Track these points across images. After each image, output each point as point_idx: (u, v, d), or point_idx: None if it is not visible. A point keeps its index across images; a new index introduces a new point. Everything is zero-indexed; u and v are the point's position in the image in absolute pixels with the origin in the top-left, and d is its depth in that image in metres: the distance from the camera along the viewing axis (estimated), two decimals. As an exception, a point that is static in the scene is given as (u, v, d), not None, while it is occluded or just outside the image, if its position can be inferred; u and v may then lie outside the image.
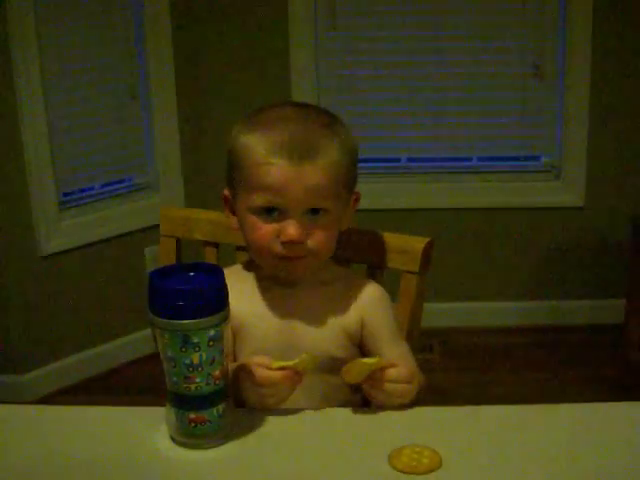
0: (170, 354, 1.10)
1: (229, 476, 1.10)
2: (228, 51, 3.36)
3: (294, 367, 1.20)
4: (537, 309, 3.53)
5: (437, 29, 3.32)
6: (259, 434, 1.17)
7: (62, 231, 3.04)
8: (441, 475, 1.07)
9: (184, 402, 1.13)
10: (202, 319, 1.08)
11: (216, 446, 1.14)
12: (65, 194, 3.09)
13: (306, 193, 1.27)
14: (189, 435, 1.14)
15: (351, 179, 1.36)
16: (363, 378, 1.22)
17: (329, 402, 1.33)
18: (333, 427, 1.20)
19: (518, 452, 1.12)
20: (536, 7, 3.27)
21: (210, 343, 1.10)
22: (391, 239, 1.50)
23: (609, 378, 3.02)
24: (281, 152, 1.26)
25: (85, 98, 3.07)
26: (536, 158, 3.50)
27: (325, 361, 1.31)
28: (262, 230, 1.29)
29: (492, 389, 3.04)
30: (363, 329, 1.38)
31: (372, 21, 3.33)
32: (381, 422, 1.21)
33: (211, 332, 1.09)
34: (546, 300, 3.53)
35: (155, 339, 1.12)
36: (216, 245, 1.63)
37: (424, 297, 1.51)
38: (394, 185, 3.48)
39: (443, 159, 3.50)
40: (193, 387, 1.11)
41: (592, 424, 1.19)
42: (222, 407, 1.14)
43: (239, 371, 1.22)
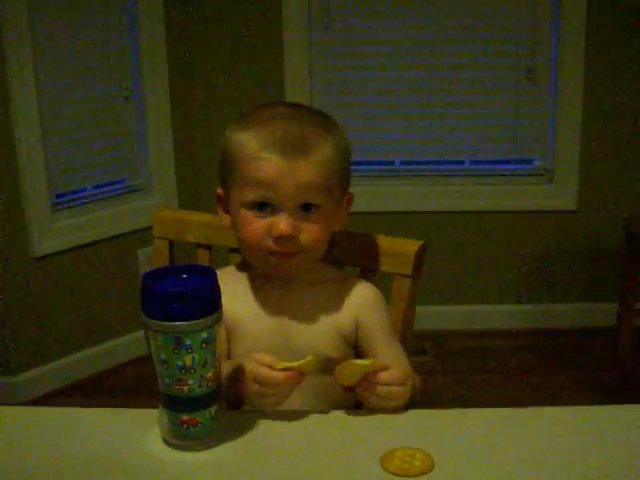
0: (163, 356, 1.10)
1: (221, 478, 1.10)
2: (222, 52, 3.36)
3: (298, 368, 1.19)
4: (529, 312, 3.54)
5: (431, 32, 3.33)
6: (251, 436, 1.17)
7: (55, 233, 3.04)
8: (433, 477, 1.07)
9: (176, 404, 1.13)
10: (195, 321, 1.08)
11: (208, 448, 1.14)
12: (58, 196, 3.08)
13: (298, 188, 1.27)
14: (181, 437, 1.14)
15: (344, 178, 1.36)
16: (356, 380, 1.22)
17: (323, 402, 1.34)
18: (325, 429, 1.20)
19: (510, 455, 1.12)
20: (529, 11, 3.28)
21: (203, 345, 1.10)
22: (384, 242, 1.50)
23: (601, 381, 3.03)
24: (274, 147, 1.27)
25: (78, 100, 3.07)
26: (529, 162, 3.50)
27: (319, 361, 1.31)
28: (254, 225, 1.29)
29: (484, 392, 3.04)
30: (358, 330, 1.38)
31: (366, 23, 3.34)
32: (373, 424, 1.21)
33: (204, 334, 1.09)
34: (538, 303, 3.54)
35: (148, 341, 1.11)
36: (209, 247, 1.63)
37: (416, 300, 1.51)
38: (387, 188, 3.48)
39: (436, 162, 3.51)
40: (185, 389, 1.11)
41: (584, 427, 1.19)
42: (214, 409, 1.14)
43: (240, 368, 1.21)
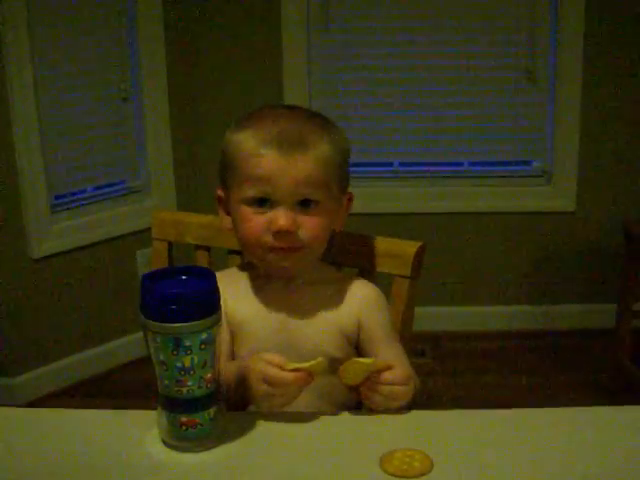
0: (162, 357, 1.10)
1: (220, 479, 1.10)
2: (220, 54, 3.36)
3: (308, 369, 1.19)
4: (528, 313, 3.54)
5: (429, 34, 3.33)
6: (251, 437, 1.17)
7: (54, 234, 3.04)
8: (432, 478, 1.07)
9: (176, 405, 1.13)
10: (194, 322, 1.08)
11: (207, 449, 1.14)
12: (57, 197, 3.08)
13: (296, 183, 1.28)
14: (180, 438, 1.14)
15: (343, 177, 1.37)
16: (360, 380, 1.22)
17: (327, 402, 1.34)
18: (324, 431, 1.20)
19: (509, 456, 1.12)
20: (528, 13, 3.28)
21: (202, 346, 1.10)
22: (383, 243, 1.50)
23: (600, 383, 3.03)
24: (271, 144, 1.28)
25: (77, 101, 3.07)
26: (528, 163, 3.51)
27: (329, 363, 1.31)
28: (253, 221, 1.30)
29: (483, 393, 3.04)
30: (359, 330, 1.38)
31: (365, 25, 3.34)
32: (373, 426, 1.22)
33: (203, 335, 1.09)
34: (537, 305, 3.54)
35: (147, 342, 1.11)
36: (208, 249, 1.63)
37: (415, 301, 1.51)
38: (386, 189, 3.48)
39: (435, 164, 3.51)
40: (185, 390, 1.11)
41: (583, 428, 1.19)
42: (214, 410, 1.14)
43: (248, 368, 1.21)
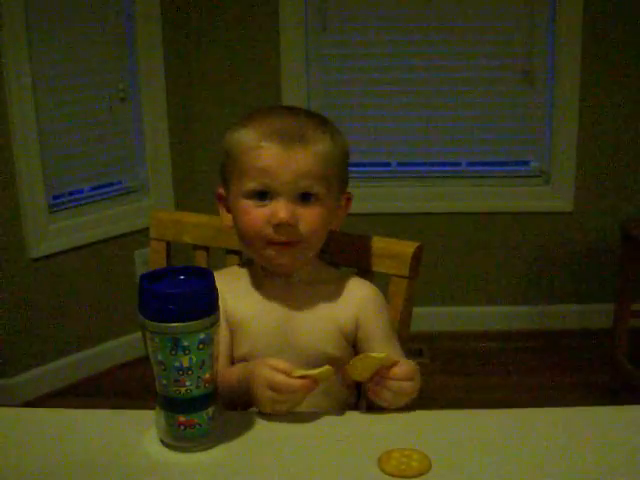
0: (160, 357, 1.10)
1: (219, 479, 1.10)
2: (219, 54, 3.36)
3: (314, 377, 1.19)
4: (526, 314, 3.54)
5: (427, 35, 3.33)
6: (249, 437, 1.17)
7: (52, 234, 3.04)
8: (430, 478, 1.07)
9: (174, 405, 1.13)
10: (192, 322, 1.08)
11: (206, 449, 1.14)
12: (55, 197, 3.08)
13: (297, 176, 1.29)
14: (179, 438, 1.14)
15: (342, 176, 1.38)
16: (368, 375, 1.22)
17: (324, 400, 1.34)
18: (323, 430, 1.20)
19: (507, 456, 1.12)
20: (526, 13, 3.29)
21: (200, 346, 1.10)
22: (381, 243, 1.50)
23: (598, 382, 3.03)
24: (272, 136, 1.29)
25: (75, 101, 3.07)
26: (525, 163, 3.51)
27: (320, 360, 1.31)
28: (253, 214, 1.31)
29: (481, 393, 3.04)
30: (358, 329, 1.38)
31: (363, 25, 3.34)
32: (371, 425, 1.22)
33: (201, 335, 1.09)
34: (535, 305, 3.55)
35: (145, 342, 1.11)
36: (206, 248, 1.63)
37: (413, 301, 1.51)
38: (384, 189, 3.49)
39: (433, 164, 3.51)
40: (183, 390, 1.11)
41: (581, 428, 1.19)
42: (212, 410, 1.14)
43: (252, 373, 1.21)
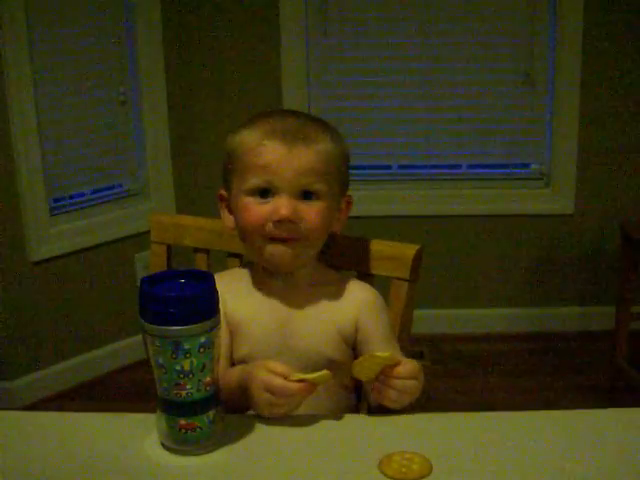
0: (161, 360, 1.10)
1: (219, 482, 1.10)
2: (219, 58, 3.36)
3: (312, 381, 1.19)
4: (527, 316, 3.54)
5: (428, 37, 3.33)
6: (249, 440, 1.17)
7: (52, 237, 3.04)
8: (431, 481, 1.07)
9: (175, 408, 1.13)
10: (193, 326, 1.08)
11: (207, 452, 1.14)
12: (55, 200, 3.08)
13: (298, 173, 1.29)
14: (180, 441, 1.14)
15: (343, 177, 1.38)
16: (373, 375, 1.22)
17: (324, 403, 1.34)
18: (323, 433, 1.20)
19: (508, 459, 1.12)
20: (527, 15, 3.29)
21: (201, 350, 1.10)
22: (381, 246, 1.50)
23: (599, 385, 3.03)
24: (274, 134, 1.30)
25: (75, 104, 3.07)
26: (526, 165, 3.51)
27: (320, 362, 1.31)
28: (254, 210, 1.31)
29: (482, 396, 3.04)
30: (357, 331, 1.38)
31: (363, 28, 3.34)
32: (371, 428, 1.22)
33: (202, 339, 1.09)
34: (536, 307, 3.54)
35: (146, 345, 1.11)
36: (207, 251, 1.63)
37: (414, 304, 1.51)
38: (384, 192, 3.49)
39: (433, 166, 3.51)
40: (184, 394, 1.11)
41: (582, 431, 1.19)
42: (213, 413, 1.14)
43: (250, 376, 1.21)
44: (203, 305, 1.10)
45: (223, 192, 1.40)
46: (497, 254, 3.51)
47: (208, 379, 1.12)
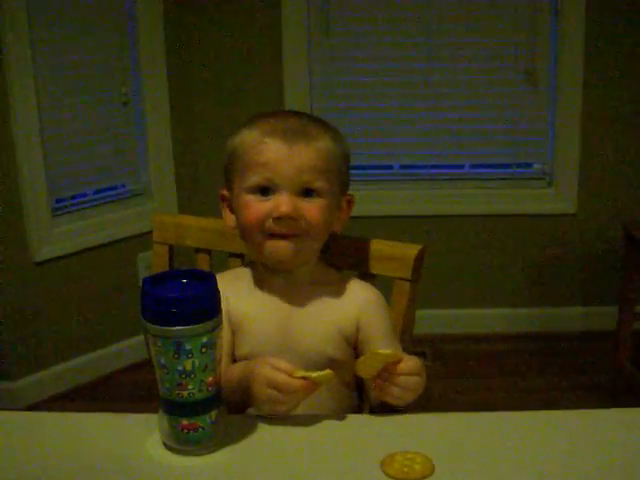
0: (163, 361, 1.10)
1: (222, 483, 1.10)
2: (221, 58, 3.37)
3: (315, 379, 1.19)
4: (529, 316, 3.54)
5: (429, 36, 3.33)
6: (251, 440, 1.17)
7: (55, 238, 3.04)
8: (433, 481, 1.07)
9: (177, 409, 1.13)
10: (195, 326, 1.08)
11: (209, 452, 1.14)
12: (58, 201, 3.08)
13: (299, 170, 1.30)
14: (182, 442, 1.14)
15: (343, 177, 1.39)
16: (375, 373, 1.22)
17: (326, 403, 1.34)
18: (326, 433, 1.20)
19: (510, 459, 1.12)
20: (528, 14, 3.29)
21: (203, 350, 1.10)
22: (383, 246, 1.50)
23: (601, 385, 3.03)
24: (275, 133, 1.32)
25: (78, 105, 3.07)
26: (529, 165, 3.51)
27: (321, 362, 1.32)
28: (255, 207, 1.32)
29: (484, 396, 3.04)
30: (359, 331, 1.39)
31: (365, 28, 3.34)
32: (373, 428, 1.22)
33: (204, 339, 1.09)
34: (538, 307, 3.54)
35: (148, 346, 1.12)
36: (209, 252, 1.63)
37: (416, 304, 1.51)
38: (386, 192, 3.48)
39: (435, 166, 3.51)
40: (186, 394, 1.11)
41: (584, 431, 1.19)
42: (215, 414, 1.14)
43: (253, 372, 1.21)
44: (205, 305, 1.10)
45: (225, 192, 1.41)
46: (499, 254, 3.50)
47: (210, 379, 1.12)
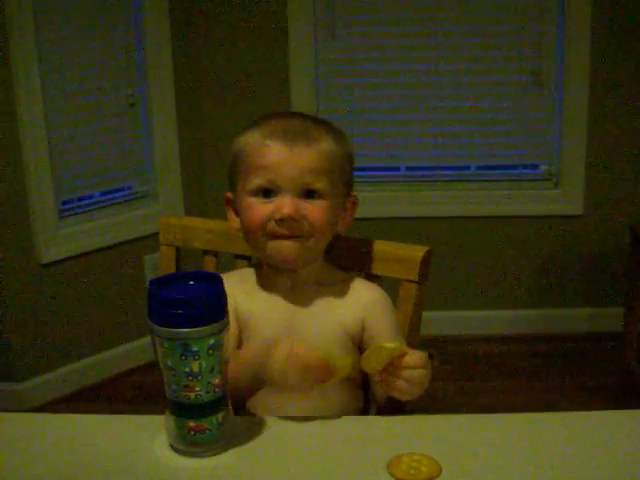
0: (170, 363, 1.10)
1: (228, 484, 1.10)
2: (228, 60, 3.37)
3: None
4: (536, 317, 3.53)
5: (436, 38, 3.32)
6: (258, 442, 1.17)
7: (61, 239, 3.04)
8: (440, 483, 1.07)
9: (183, 410, 1.13)
10: (202, 327, 1.08)
11: (216, 454, 1.14)
12: (64, 202, 3.09)
13: (300, 172, 1.31)
14: (189, 443, 1.14)
15: (347, 177, 1.39)
16: (381, 367, 1.22)
17: (330, 403, 1.34)
18: (332, 435, 1.20)
19: (516, 461, 1.12)
20: (535, 15, 3.28)
21: (210, 351, 1.10)
22: (390, 248, 1.50)
23: (607, 387, 3.02)
24: (276, 135, 1.32)
25: (84, 106, 3.07)
26: (535, 166, 3.50)
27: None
28: (258, 209, 1.33)
29: (491, 397, 3.03)
30: (364, 330, 1.39)
31: (371, 30, 3.34)
32: (380, 430, 1.22)
33: (211, 340, 1.10)
34: (545, 308, 3.53)
35: (155, 347, 1.12)
36: (215, 253, 1.63)
37: (423, 306, 1.51)
38: (392, 194, 3.48)
39: (442, 168, 3.51)
40: (192, 395, 1.11)
41: (590, 432, 1.19)
42: (222, 415, 1.14)
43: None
44: (212, 307, 1.10)
45: (229, 194, 1.42)
46: (506, 255, 3.50)
47: (217, 381, 1.12)
